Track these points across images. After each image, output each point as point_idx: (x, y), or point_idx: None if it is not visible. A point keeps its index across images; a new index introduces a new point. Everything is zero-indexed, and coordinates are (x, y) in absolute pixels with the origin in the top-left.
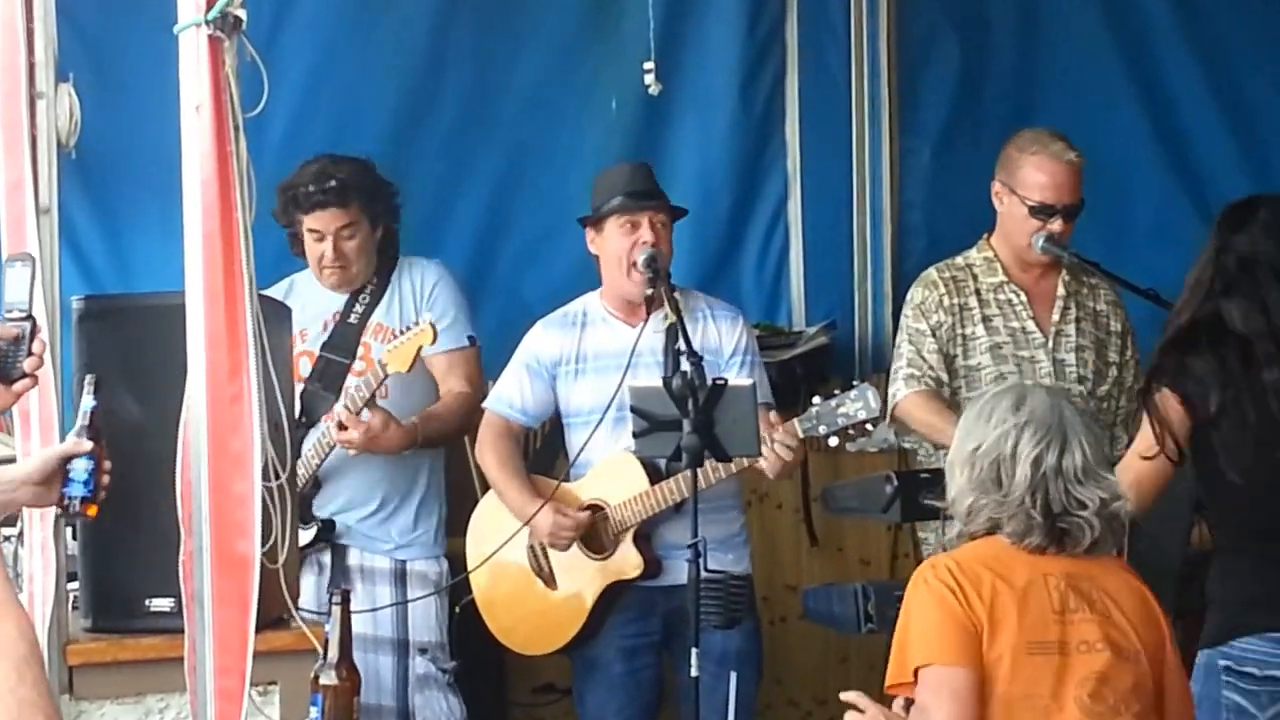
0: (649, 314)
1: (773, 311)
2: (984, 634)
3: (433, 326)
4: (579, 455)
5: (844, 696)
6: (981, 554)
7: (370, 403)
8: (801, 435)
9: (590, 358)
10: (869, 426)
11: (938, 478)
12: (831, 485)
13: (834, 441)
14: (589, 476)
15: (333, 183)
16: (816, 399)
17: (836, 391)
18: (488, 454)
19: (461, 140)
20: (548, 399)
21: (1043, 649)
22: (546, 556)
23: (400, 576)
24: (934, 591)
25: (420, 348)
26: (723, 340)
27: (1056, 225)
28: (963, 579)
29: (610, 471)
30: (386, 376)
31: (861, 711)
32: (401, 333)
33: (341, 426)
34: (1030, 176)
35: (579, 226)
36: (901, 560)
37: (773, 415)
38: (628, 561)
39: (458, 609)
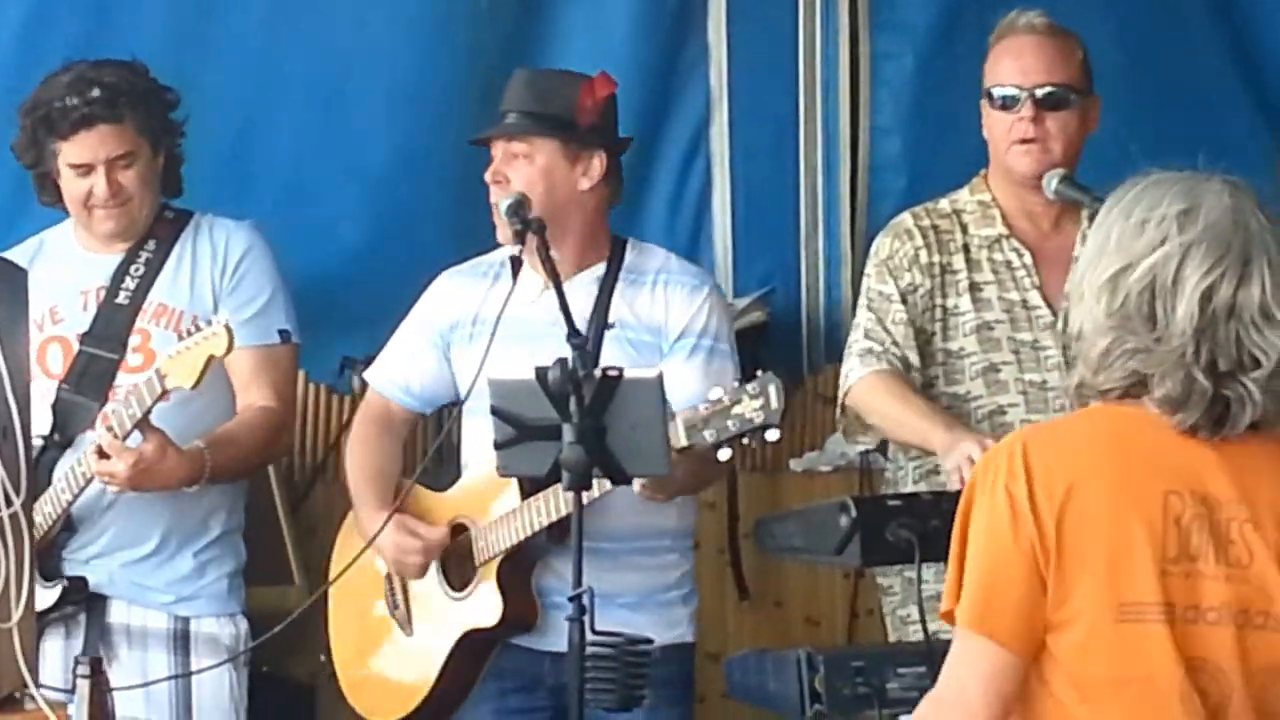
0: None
1: None
2: (1050, 583)
3: (228, 330)
4: (459, 453)
5: None
6: (1082, 441)
7: (143, 422)
8: (685, 443)
9: (492, 320)
10: (768, 435)
11: (912, 506)
12: (768, 517)
13: (725, 454)
14: (459, 484)
15: (96, 91)
16: (712, 393)
17: (734, 382)
18: (354, 448)
19: (270, 44)
20: (443, 374)
21: (1137, 614)
22: (405, 590)
23: (182, 640)
24: (994, 514)
25: (211, 357)
26: (670, 315)
27: (1026, 113)
28: (1039, 491)
29: (483, 478)
30: (165, 392)
31: None
32: (190, 331)
33: (102, 454)
34: (993, 66)
35: (439, 160)
36: (863, 619)
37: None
38: (484, 605)
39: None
